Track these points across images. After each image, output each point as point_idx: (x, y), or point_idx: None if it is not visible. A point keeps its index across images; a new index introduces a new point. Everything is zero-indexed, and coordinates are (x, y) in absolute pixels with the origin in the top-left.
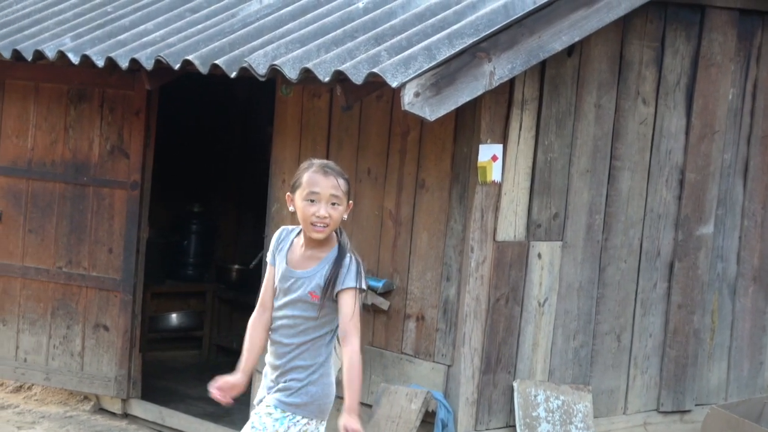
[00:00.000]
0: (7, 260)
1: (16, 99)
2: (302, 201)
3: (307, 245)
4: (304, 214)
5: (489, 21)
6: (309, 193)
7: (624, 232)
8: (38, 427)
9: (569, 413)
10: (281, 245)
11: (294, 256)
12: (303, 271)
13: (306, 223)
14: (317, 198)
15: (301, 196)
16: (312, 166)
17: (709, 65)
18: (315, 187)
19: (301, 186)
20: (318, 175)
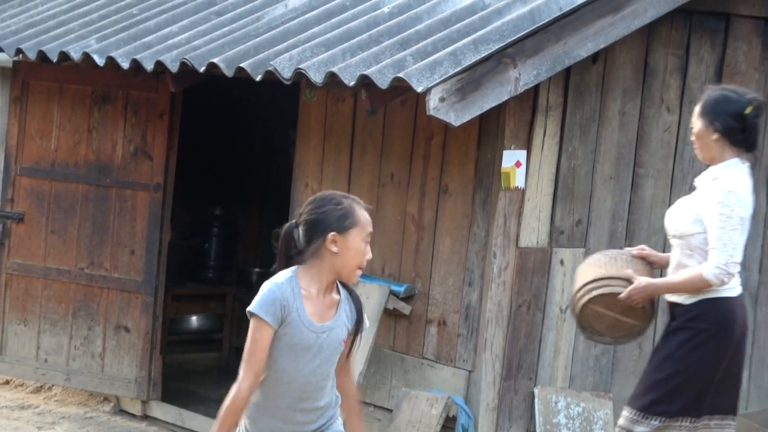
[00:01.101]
0: (29, 261)
1: (41, 100)
2: (361, 244)
3: (326, 292)
4: (359, 257)
5: (515, 27)
6: (367, 234)
7: (647, 240)
8: (58, 427)
9: (590, 420)
10: (286, 303)
11: (315, 309)
12: (331, 322)
13: (353, 266)
14: (368, 241)
15: (360, 236)
16: (359, 204)
17: (734, 73)
18: (371, 228)
19: (358, 225)
20: (366, 212)
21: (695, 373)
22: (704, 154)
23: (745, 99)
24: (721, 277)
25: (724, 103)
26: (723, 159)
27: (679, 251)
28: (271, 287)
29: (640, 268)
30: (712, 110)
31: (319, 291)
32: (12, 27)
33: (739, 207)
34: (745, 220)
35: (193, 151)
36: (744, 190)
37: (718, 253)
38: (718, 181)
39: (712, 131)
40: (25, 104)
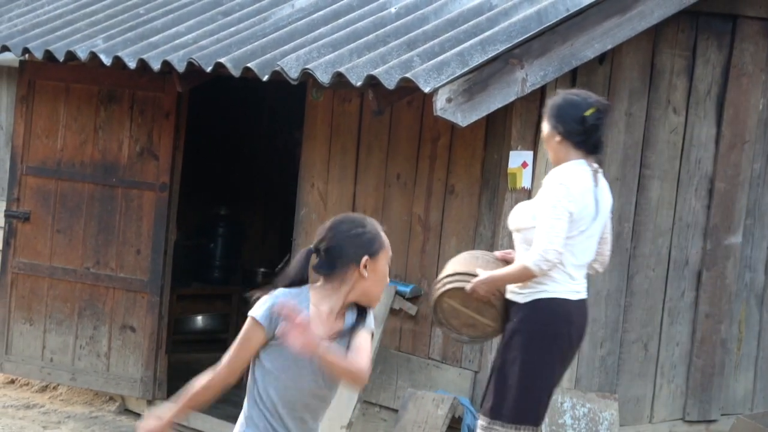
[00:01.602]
0: (35, 260)
1: (47, 99)
2: (386, 266)
3: (338, 315)
4: (384, 280)
5: (522, 28)
6: (390, 257)
7: (653, 241)
8: (63, 427)
9: (595, 421)
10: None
11: (320, 329)
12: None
13: (379, 291)
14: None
15: (385, 260)
16: (379, 225)
17: (740, 75)
18: (391, 251)
19: (384, 248)
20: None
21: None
22: (551, 156)
23: (586, 102)
24: (540, 264)
25: (566, 107)
26: (567, 160)
27: (520, 245)
28: (281, 295)
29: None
30: (556, 114)
31: (332, 312)
32: (19, 26)
33: (568, 200)
34: (575, 215)
35: (199, 151)
36: (579, 186)
37: (539, 241)
38: (553, 176)
39: (555, 134)
40: (32, 103)
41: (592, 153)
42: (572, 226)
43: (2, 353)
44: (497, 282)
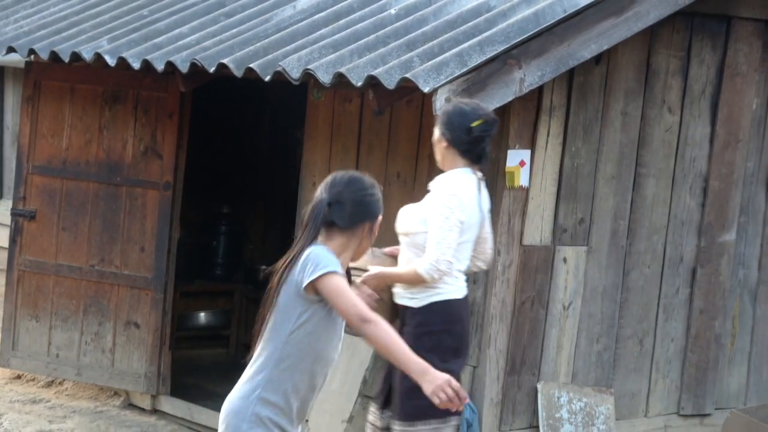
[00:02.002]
0: (40, 258)
1: (52, 100)
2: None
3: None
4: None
5: (519, 29)
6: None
7: (648, 238)
8: (69, 421)
9: (591, 415)
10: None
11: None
12: None
13: (365, 251)
14: None
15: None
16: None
17: (734, 75)
18: None
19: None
20: None
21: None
22: (439, 160)
23: (475, 114)
24: (431, 273)
25: (456, 116)
26: (454, 167)
27: (407, 249)
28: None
29: (389, 262)
30: (446, 121)
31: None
32: (24, 28)
33: (460, 210)
34: (465, 223)
35: (202, 151)
36: (467, 195)
37: (431, 251)
38: (444, 185)
39: (443, 140)
40: (37, 104)
41: (476, 162)
42: (462, 234)
43: (9, 349)
44: (387, 279)
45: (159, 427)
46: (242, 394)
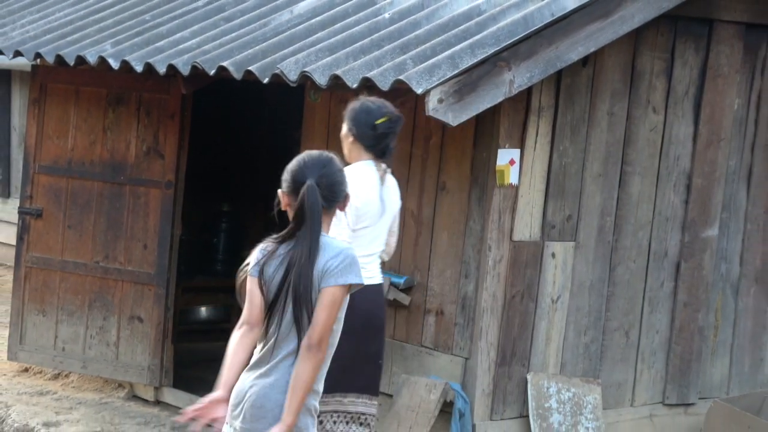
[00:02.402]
0: (47, 254)
1: (58, 102)
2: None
3: None
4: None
5: (509, 32)
6: None
7: (633, 234)
8: (75, 412)
9: (579, 405)
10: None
11: None
12: None
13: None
14: None
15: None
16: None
17: (716, 76)
18: None
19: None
20: None
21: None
22: (346, 154)
23: (380, 111)
24: None
25: (362, 113)
26: (359, 160)
27: None
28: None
29: None
30: (353, 117)
31: None
32: (30, 32)
33: (354, 197)
34: (360, 210)
35: (203, 151)
36: (364, 184)
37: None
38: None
39: (350, 135)
40: (43, 106)
41: (380, 157)
42: (358, 220)
43: (17, 343)
44: None
45: (162, 417)
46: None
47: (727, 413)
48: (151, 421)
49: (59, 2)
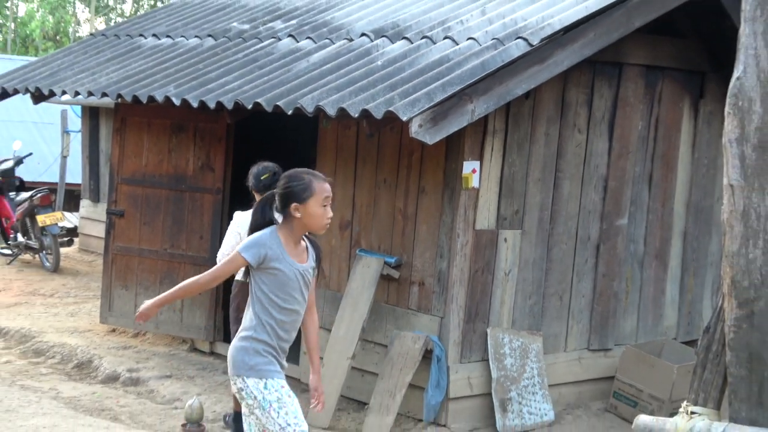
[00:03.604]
0: (128, 244)
1: (134, 131)
2: (318, 207)
3: (296, 243)
4: (321, 218)
5: (471, 74)
6: (325, 198)
7: (565, 223)
8: (150, 361)
9: (526, 351)
10: (272, 252)
11: (294, 254)
12: (306, 264)
13: (320, 225)
14: (328, 202)
15: (316, 203)
16: (314, 177)
17: (625, 105)
18: (327, 193)
19: (315, 194)
20: (325, 183)
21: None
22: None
23: (265, 170)
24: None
25: (255, 170)
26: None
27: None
28: (258, 236)
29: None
30: (252, 175)
31: (292, 242)
32: (114, 79)
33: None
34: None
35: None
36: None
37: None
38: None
39: (251, 186)
40: (124, 133)
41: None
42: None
43: (107, 311)
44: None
45: (215, 364)
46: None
47: (635, 355)
48: (207, 367)
49: (134, 57)
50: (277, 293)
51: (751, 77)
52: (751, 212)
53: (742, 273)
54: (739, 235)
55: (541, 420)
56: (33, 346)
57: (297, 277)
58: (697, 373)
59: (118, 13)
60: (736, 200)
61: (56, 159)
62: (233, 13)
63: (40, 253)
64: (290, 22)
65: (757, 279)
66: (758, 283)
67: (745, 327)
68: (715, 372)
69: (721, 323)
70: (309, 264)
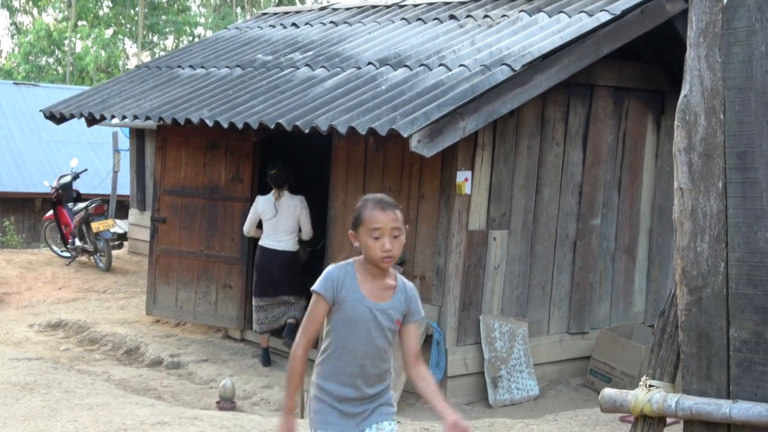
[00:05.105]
0: (169, 246)
1: (174, 148)
2: (368, 238)
3: (375, 277)
4: (373, 250)
5: (462, 96)
6: (372, 230)
7: (546, 224)
8: (190, 347)
9: (514, 335)
10: (344, 284)
11: (371, 290)
12: (387, 303)
13: (376, 259)
14: (380, 233)
15: (365, 233)
16: (368, 204)
17: (597, 121)
18: (377, 224)
19: (363, 223)
20: (376, 211)
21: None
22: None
23: (273, 166)
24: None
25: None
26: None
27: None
28: (328, 270)
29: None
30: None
31: (369, 275)
32: (156, 104)
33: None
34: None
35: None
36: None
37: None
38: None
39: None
40: (165, 151)
41: (277, 187)
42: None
43: (152, 304)
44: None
45: (246, 349)
46: None
47: (609, 338)
48: (238, 352)
49: (173, 85)
50: (340, 330)
51: (696, 95)
52: (698, 211)
53: (691, 264)
54: (689, 232)
55: (528, 395)
56: (88, 336)
57: (367, 316)
58: (654, 351)
59: (162, 48)
60: (685, 201)
61: (108, 174)
62: (258, 46)
63: (94, 255)
64: (307, 53)
65: (704, 269)
66: (705, 272)
67: (694, 311)
68: (670, 350)
69: (674, 308)
70: (391, 304)
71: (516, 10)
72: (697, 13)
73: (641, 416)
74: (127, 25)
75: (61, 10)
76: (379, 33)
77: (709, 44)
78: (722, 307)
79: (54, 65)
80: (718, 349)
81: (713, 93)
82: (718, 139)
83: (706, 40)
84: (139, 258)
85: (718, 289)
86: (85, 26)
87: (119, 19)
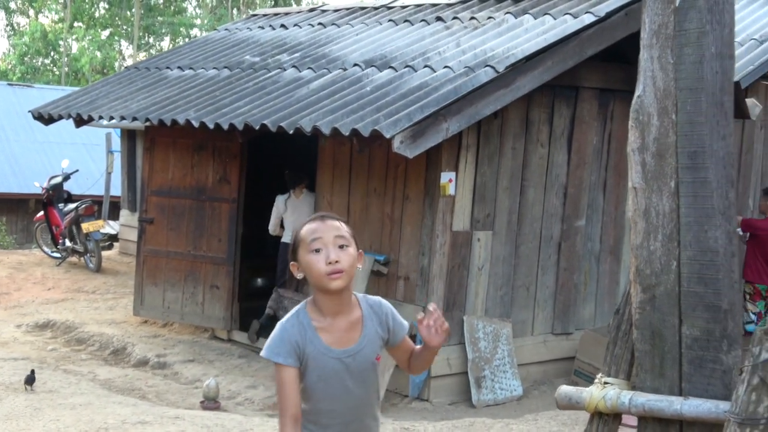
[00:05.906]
0: (157, 247)
1: (162, 149)
2: (308, 256)
3: (335, 315)
4: (315, 267)
5: (445, 97)
6: (311, 242)
7: (530, 225)
8: (176, 348)
9: (498, 335)
10: (304, 339)
11: (333, 336)
12: (356, 345)
13: (320, 277)
14: (322, 244)
15: (305, 253)
16: (305, 223)
17: (582, 122)
18: (315, 234)
19: (301, 242)
20: (314, 223)
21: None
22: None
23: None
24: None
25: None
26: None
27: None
28: (280, 331)
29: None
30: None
31: (327, 315)
32: (143, 105)
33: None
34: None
35: (255, 178)
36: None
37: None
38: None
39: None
40: (153, 152)
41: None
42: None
43: (139, 304)
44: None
45: (232, 350)
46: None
47: (593, 338)
48: (225, 353)
49: (161, 86)
50: (311, 393)
51: (649, 95)
52: (652, 211)
53: (644, 262)
54: (642, 230)
55: (511, 395)
56: (76, 336)
57: (337, 368)
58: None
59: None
60: (639, 200)
61: (102, 175)
62: (247, 47)
63: (84, 256)
64: (294, 54)
65: (658, 267)
66: (658, 271)
67: (648, 309)
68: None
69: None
70: (361, 344)
71: (502, 12)
72: (650, 15)
73: (596, 413)
74: (123, 27)
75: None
76: (366, 34)
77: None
78: (674, 305)
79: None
80: (670, 347)
81: (665, 93)
82: (670, 139)
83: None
84: (129, 259)
85: (670, 288)
86: (80, 27)
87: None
